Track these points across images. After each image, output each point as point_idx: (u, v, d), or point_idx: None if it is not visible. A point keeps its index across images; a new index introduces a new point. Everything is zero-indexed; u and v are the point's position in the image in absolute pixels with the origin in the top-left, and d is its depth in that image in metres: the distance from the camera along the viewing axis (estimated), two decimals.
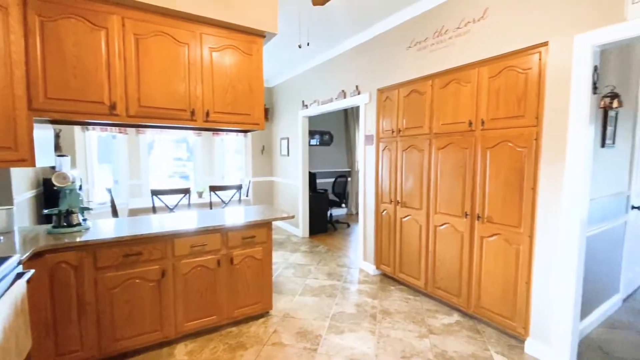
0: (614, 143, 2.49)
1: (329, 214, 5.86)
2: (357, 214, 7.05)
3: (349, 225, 6.12)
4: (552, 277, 2.10)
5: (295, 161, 5.38)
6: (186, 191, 3.79)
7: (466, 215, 2.61)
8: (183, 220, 2.50)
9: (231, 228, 2.43)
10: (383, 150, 3.47)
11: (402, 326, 2.56)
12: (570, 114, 1.96)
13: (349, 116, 7.01)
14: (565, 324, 2.04)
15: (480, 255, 2.52)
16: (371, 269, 3.69)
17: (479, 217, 2.51)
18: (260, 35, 2.58)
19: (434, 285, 2.93)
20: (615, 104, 2.13)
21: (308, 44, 2.98)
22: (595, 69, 1.93)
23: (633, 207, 2.85)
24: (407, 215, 3.19)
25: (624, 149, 2.68)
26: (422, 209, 3.02)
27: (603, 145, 2.37)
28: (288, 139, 5.57)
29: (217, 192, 4.20)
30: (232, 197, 4.11)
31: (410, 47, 3.07)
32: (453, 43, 2.65)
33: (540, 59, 2.11)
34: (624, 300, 2.96)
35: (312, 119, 6.10)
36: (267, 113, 6.12)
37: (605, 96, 2.15)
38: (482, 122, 2.44)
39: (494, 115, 2.37)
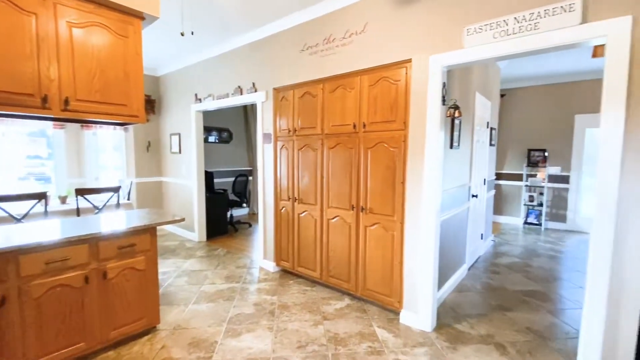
0: (459, 145, 3.14)
1: (229, 215, 5.64)
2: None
3: (250, 225, 6.01)
4: (417, 256, 2.52)
5: (188, 159, 4.98)
6: (41, 196, 3.07)
7: (352, 207, 2.89)
8: (34, 231, 2.03)
9: (103, 237, 2.09)
10: (281, 148, 3.54)
11: (299, 317, 2.67)
12: (427, 120, 2.39)
13: (249, 113, 6.87)
14: (427, 293, 2.48)
15: (365, 242, 2.83)
16: (271, 266, 3.72)
17: (362, 208, 2.82)
18: (138, 16, 2.29)
19: (328, 275, 3.15)
20: (457, 113, 2.69)
21: (192, 33, 2.79)
22: (444, 84, 2.40)
23: (473, 196, 3.66)
24: (304, 211, 3.33)
25: (466, 150, 3.42)
26: (317, 204, 3.20)
27: (451, 146, 2.96)
28: (179, 134, 5.10)
29: (86, 197, 3.55)
30: (107, 202, 3.53)
31: (303, 50, 3.20)
32: (340, 51, 2.89)
33: (406, 73, 2.49)
34: (469, 269, 3.78)
35: (208, 115, 5.74)
36: (153, 105, 5.48)
37: (450, 107, 2.69)
38: (364, 125, 2.75)
39: (373, 119, 2.69)
